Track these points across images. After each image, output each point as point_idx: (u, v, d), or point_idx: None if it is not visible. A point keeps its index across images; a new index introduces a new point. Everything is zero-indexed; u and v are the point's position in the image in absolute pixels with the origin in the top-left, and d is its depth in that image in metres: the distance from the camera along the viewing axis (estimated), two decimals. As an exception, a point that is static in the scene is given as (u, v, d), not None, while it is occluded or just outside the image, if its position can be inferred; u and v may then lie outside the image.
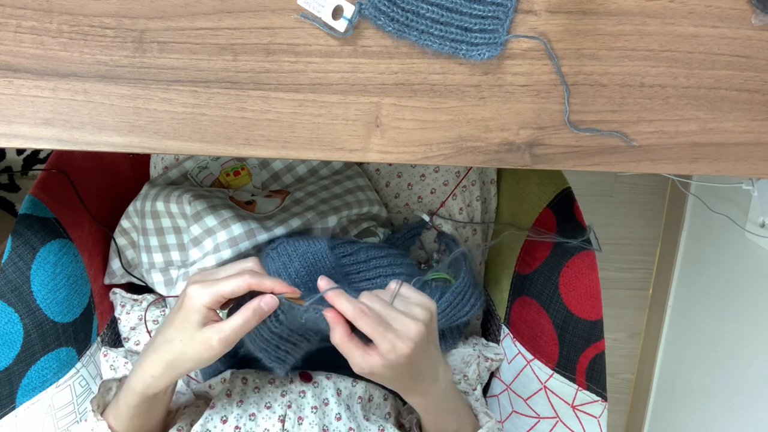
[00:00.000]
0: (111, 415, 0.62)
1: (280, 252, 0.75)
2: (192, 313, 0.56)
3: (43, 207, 0.75)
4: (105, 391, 0.66)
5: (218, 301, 0.56)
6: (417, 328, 0.55)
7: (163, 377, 0.59)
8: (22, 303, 0.70)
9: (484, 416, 0.69)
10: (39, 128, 0.54)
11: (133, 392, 0.60)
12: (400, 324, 0.55)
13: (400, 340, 0.54)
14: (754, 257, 1.09)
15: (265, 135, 0.55)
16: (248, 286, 0.57)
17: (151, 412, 0.63)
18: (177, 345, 0.57)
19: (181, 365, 0.58)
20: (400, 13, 0.52)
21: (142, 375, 0.59)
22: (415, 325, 0.55)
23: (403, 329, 0.55)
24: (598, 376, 0.75)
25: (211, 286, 0.56)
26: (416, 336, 0.55)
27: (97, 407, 0.63)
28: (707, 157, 0.58)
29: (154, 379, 0.59)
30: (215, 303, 0.56)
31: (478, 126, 0.56)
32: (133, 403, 0.60)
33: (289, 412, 0.66)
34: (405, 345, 0.54)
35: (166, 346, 0.58)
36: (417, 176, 0.93)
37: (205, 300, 0.55)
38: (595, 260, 0.76)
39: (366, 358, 0.54)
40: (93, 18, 0.52)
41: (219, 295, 0.56)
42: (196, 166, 0.90)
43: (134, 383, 0.60)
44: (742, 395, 1.11)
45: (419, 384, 0.60)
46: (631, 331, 1.53)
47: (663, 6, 0.54)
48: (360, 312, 0.54)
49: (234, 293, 0.57)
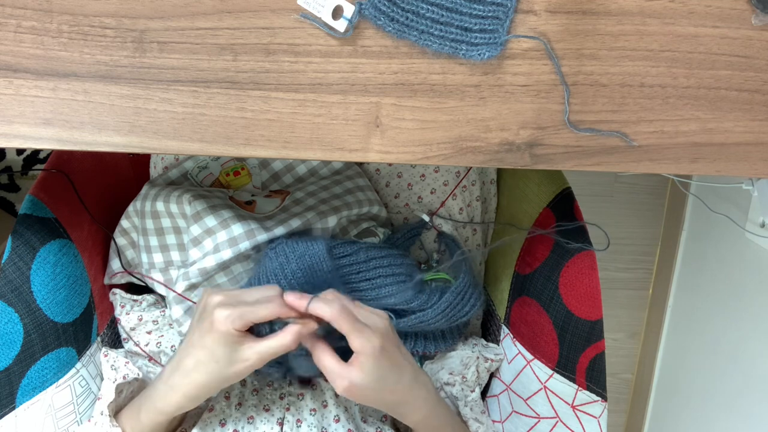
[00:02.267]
0: (128, 425, 0.64)
1: (278, 252, 0.75)
2: (225, 336, 0.57)
3: (43, 207, 0.75)
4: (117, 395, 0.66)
5: (248, 325, 0.58)
6: (383, 321, 0.60)
7: (198, 398, 0.60)
8: (22, 303, 0.70)
9: (473, 422, 0.69)
10: (39, 128, 0.54)
11: (162, 413, 0.61)
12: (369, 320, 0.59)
13: (372, 332, 0.57)
14: (754, 257, 1.09)
15: (265, 135, 0.55)
16: (278, 315, 0.58)
17: (170, 425, 0.65)
18: (213, 367, 0.58)
19: (219, 385, 0.59)
20: (400, 13, 0.52)
21: (175, 397, 0.60)
22: (381, 319, 0.60)
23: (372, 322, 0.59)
24: (598, 376, 0.75)
25: (242, 311, 0.57)
26: (383, 327, 0.59)
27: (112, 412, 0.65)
28: (707, 157, 0.58)
29: (190, 401, 0.60)
30: (245, 327, 0.58)
31: (478, 126, 0.56)
32: (160, 421, 0.62)
33: (287, 415, 0.66)
34: (376, 336, 0.57)
35: (200, 368, 0.58)
36: (417, 176, 0.93)
37: (237, 325, 0.57)
38: (595, 260, 0.76)
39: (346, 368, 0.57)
40: (93, 18, 0.52)
41: (250, 321, 0.57)
42: (196, 166, 0.90)
43: (165, 405, 0.60)
44: (742, 395, 1.11)
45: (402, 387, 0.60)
46: (631, 331, 1.53)
47: (663, 6, 0.54)
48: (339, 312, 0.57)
49: (263, 319, 0.58)
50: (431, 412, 0.63)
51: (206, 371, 0.58)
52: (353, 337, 0.56)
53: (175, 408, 0.60)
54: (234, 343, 0.57)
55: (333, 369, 0.57)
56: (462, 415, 0.71)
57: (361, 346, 0.56)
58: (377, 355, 0.57)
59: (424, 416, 0.63)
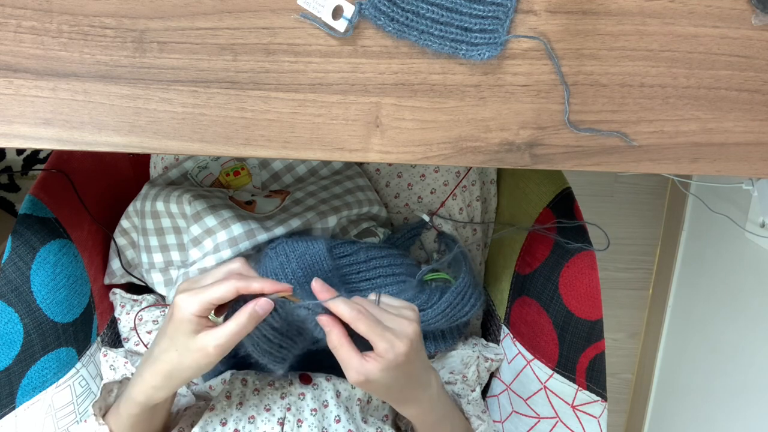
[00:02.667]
0: (112, 421, 0.62)
1: (278, 252, 0.75)
2: (183, 323, 0.55)
3: (43, 207, 0.75)
4: (106, 394, 0.65)
5: (207, 308, 0.55)
6: (412, 326, 0.56)
7: (163, 388, 0.58)
8: (22, 303, 0.70)
9: (476, 419, 0.69)
10: (39, 128, 0.54)
11: (134, 402, 0.60)
12: (395, 323, 0.56)
13: (398, 338, 0.55)
14: (754, 257, 1.09)
15: (265, 135, 0.55)
16: (236, 290, 0.55)
17: (152, 420, 0.63)
18: (173, 355, 0.56)
19: (180, 375, 0.57)
20: (400, 13, 0.52)
21: (143, 386, 0.58)
22: (410, 324, 0.57)
23: (399, 327, 0.56)
24: (598, 376, 0.75)
25: (198, 294, 0.55)
26: (412, 333, 0.56)
27: (99, 411, 0.63)
28: (707, 157, 0.58)
29: (155, 390, 0.58)
30: (204, 311, 0.55)
31: (478, 126, 0.56)
32: (135, 413, 0.60)
33: (288, 414, 0.66)
34: (402, 343, 0.55)
35: (162, 356, 0.57)
36: (417, 176, 0.93)
37: (193, 309, 0.54)
38: (595, 260, 0.76)
39: (363, 363, 0.55)
40: (93, 18, 0.52)
41: (207, 302, 0.55)
42: (196, 166, 0.90)
43: (135, 394, 0.59)
44: (742, 395, 1.11)
45: (413, 390, 0.60)
46: (631, 331, 1.53)
47: (663, 6, 0.54)
48: (357, 313, 0.54)
49: (222, 299, 0.55)
50: (432, 409, 0.63)
51: (168, 360, 0.56)
52: (374, 340, 0.54)
53: (144, 397, 0.59)
54: (192, 331, 0.55)
55: (350, 362, 0.55)
56: (465, 411, 0.71)
57: (384, 351, 0.54)
58: (399, 362, 0.55)
59: (423, 411, 0.63)
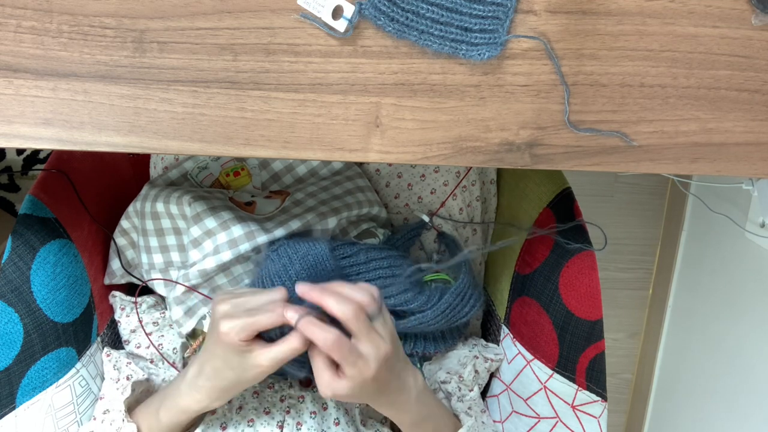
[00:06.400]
0: (144, 424, 0.65)
1: (280, 254, 0.75)
2: (232, 347, 0.58)
3: (43, 207, 0.75)
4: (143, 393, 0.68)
5: (253, 335, 0.58)
6: (384, 348, 0.57)
7: (220, 399, 0.62)
8: (22, 303, 0.70)
9: (464, 416, 0.69)
10: (39, 128, 0.54)
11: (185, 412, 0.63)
12: (368, 346, 0.57)
13: (367, 364, 0.56)
14: (754, 257, 1.09)
15: (265, 135, 0.55)
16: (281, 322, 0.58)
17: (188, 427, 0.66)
18: (229, 374, 0.59)
19: (239, 388, 0.61)
20: (400, 13, 0.52)
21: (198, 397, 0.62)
22: (383, 344, 0.57)
23: (370, 352, 0.57)
24: (598, 376, 0.75)
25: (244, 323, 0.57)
26: (383, 356, 0.57)
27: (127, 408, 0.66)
28: (707, 157, 0.58)
29: (212, 401, 0.62)
30: (250, 337, 0.58)
31: (478, 126, 0.56)
32: (181, 420, 0.64)
33: (287, 417, 0.66)
34: (371, 368, 0.56)
35: (218, 375, 0.60)
36: (417, 176, 0.93)
37: (242, 336, 0.57)
38: (595, 260, 0.76)
39: (332, 381, 0.57)
40: (93, 18, 0.52)
41: (254, 331, 0.58)
42: (195, 167, 0.90)
43: (188, 405, 0.62)
44: (743, 395, 1.11)
45: (387, 395, 0.61)
46: (631, 331, 1.53)
47: (663, 6, 0.54)
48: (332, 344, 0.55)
49: (266, 329, 0.58)
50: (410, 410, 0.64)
51: (224, 377, 0.60)
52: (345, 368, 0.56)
53: (199, 407, 0.62)
54: (244, 352, 0.58)
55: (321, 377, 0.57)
56: (453, 408, 0.72)
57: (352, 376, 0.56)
58: (367, 383, 0.57)
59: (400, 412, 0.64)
